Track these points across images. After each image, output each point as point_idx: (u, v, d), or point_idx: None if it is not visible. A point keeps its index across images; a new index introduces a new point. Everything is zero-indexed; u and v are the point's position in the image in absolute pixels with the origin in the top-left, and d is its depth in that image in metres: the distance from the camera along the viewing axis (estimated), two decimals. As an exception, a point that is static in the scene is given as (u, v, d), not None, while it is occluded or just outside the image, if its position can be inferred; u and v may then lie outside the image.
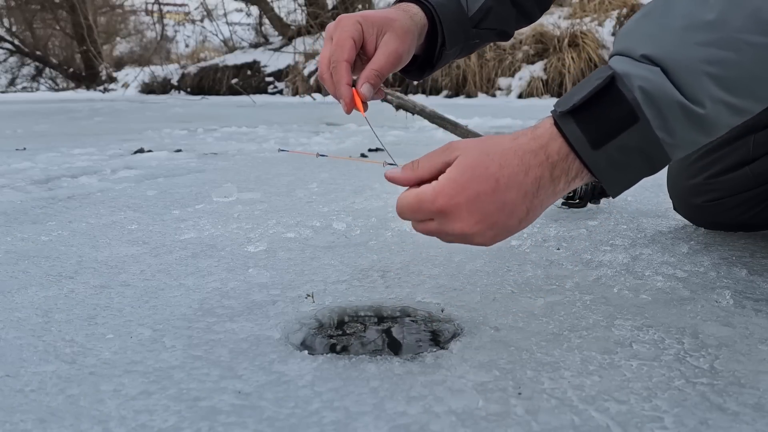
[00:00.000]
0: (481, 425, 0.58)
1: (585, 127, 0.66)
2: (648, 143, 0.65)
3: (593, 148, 0.66)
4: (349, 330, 0.81)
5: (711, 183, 1.20)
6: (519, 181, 0.67)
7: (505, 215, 0.69)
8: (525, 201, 0.68)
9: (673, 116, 0.64)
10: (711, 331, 0.78)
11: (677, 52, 0.64)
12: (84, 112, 6.86)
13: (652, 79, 0.64)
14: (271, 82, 11.83)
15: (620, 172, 0.68)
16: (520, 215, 0.69)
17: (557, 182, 0.69)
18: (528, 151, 0.68)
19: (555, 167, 0.68)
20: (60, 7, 16.71)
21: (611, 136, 0.65)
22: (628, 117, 0.64)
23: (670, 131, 0.65)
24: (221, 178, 2.07)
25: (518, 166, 0.68)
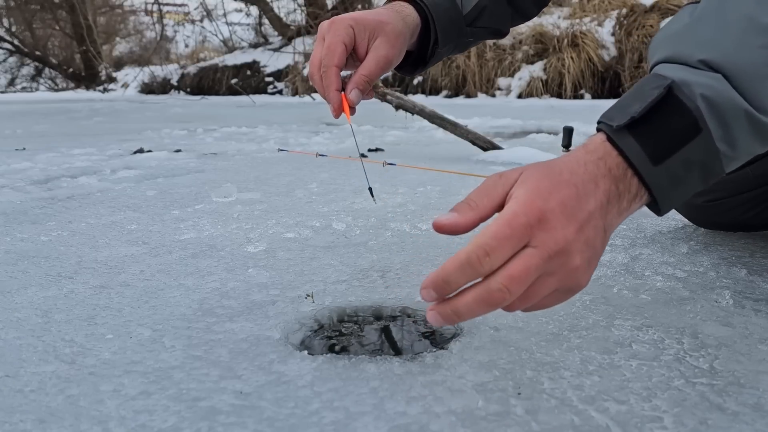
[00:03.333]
0: (480, 425, 0.58)
1: (644, 141, 0.59)
2: (708, 156, 0.60)
3: (654, 164, 0.59)
4: (348, 330, 0.81)
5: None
6: (592, 191, 0.58)
7: (593, 230, 0.58)
8: (602, 215, 0.58)
9: (738, 126, 0.60)
10: (710, 331, 0.78)
11: (739, 56, 0.60)
12: (83, 112, 6.86)
13: (715, 87, 0.59)
14: (270, 82, 11.84)
15: (678, 189, 0.62)
16: (601, 233, 0.59)
17: (622, 199, 0.60)
18: (588, 161, 0.60)
19: (619, 182, 0.60)
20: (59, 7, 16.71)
21: (673, 150, 0.59)
22: (691, 128, 0.59)
23: (731, 142, 0.60)
24: (221, 178, 2.07)
25: (585, 175, 0.59)
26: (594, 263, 0.59)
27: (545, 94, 8.36)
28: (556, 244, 0.55)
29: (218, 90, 12.44)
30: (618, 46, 8.25)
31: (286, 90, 11.41)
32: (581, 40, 8.32)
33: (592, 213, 0.57)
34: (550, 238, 0.55)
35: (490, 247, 0.54)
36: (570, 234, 0.56)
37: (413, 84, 9.65)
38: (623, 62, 8.08)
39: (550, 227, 0.55)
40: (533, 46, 8.80)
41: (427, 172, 2.03)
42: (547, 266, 0.56)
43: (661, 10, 8.07)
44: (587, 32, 8.43)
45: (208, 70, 13.01)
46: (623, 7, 8.67)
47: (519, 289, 0.55)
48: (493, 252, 0.54)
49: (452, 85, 9.30)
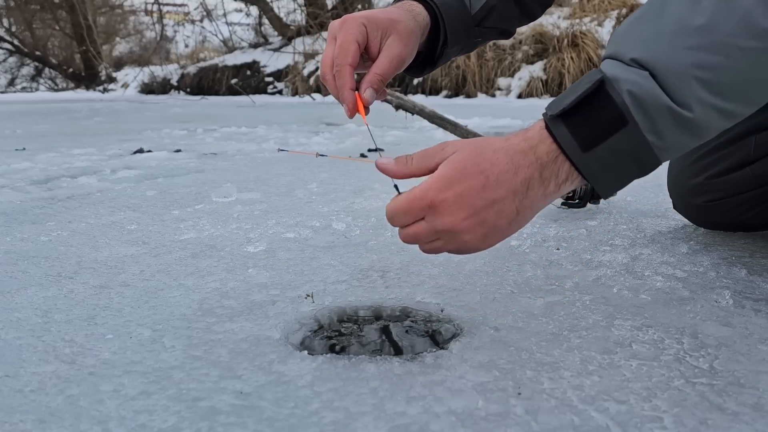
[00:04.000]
0: (480, 425, 0.58)
1: (575, 130, 0.67)
2: (638, 146, 0.66)
3: (583, 150, 0.67)
4: (348, 330, 0.81)
5: (711, 183, 1.20)
6: (508, 180, 0.68)
7: (494, 213, 0.69)
8: (514, 200, 0.69)
9: (662, 120, 0.65)
10: (710, 331, 0.78)
11: (666, 56, 0.64)
12: (83, 112, 6.86)
13: (640, 83, 0.64)
14: (270, 83, 11.83)
15: (611, 174, 0.69)
16: (510, 215, 0.70)
17: (547, 184, 0.69)
18: (518, 151, 0.69)
19: (544, 169, 0.69)
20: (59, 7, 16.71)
21: (601, 139, 0.66)
22: (617, 120, 0.65)
23: (659, 134, 0.65)
24: (221, 178, 2.07)
25: (508, 165, 0.69)
26: (493, 237, 0.71)
27: (545, 94, 8.36)
28: (443, 225, 0.70)
29: (218, 90, 12.43)
30: (618, 46, 8.24)
31: (286, 90, 11.41)
32: (581, 40, 8.32)
33: (496, 200, 0.69)
34: (437, 220, 0.70)
35: (393, 216, 0.74)
36: (457, 220, 0.69)
37: (413, 84, 9.65)
38: (623, 62, 8.07)
39: (439, 213, 0.70)
40: (533, 46, 8.80)
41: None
42: (437, 236, 0.72)
43: (661, 10, 8.06)
44: (587, 32, 8.43)
45: (208, 70, 13.00)
46: (623, 7, 8.67)
47: (414, 242, 0.74)
48: (394, 218, 0.74)
49: (452, 85, 9.30)
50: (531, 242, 1.21)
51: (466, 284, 0.97)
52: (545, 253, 1.13)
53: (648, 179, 0.72)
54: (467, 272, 1.03)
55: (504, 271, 1.03)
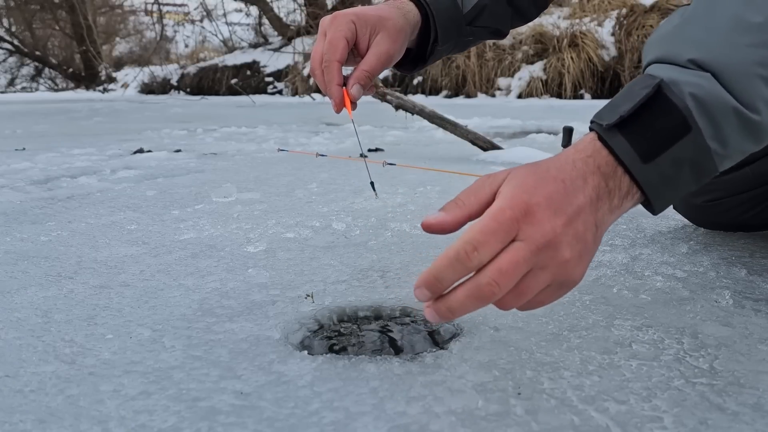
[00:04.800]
0: (480, 425, 0.58)
1: (634, 139, 0.60)
2: (699, 154, 0.61)
3: (644, 161, 0.60)
4: (348, 330, 0.81)
5: (711, 183, 1.20)
6: (581, 186, 0.59)
7: (582, 224, 0.58)
8: (592, 210, 0.59)
9: (728, 124, 0.60)
10: (710, 331, 0.78)
11: (727, 56, 0.60)
12: (83, 112, 6.86)
13: (703, 85, 0.60)
14: (270, 83, 11.84)
15: (669, 187, 0.62)
16: (592, 228, 0.59)
17: (613, 196, 0.61)
18: (578, 160, 0.61)
19: (608, 179, 0.61)
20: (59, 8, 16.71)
21: (663, 148, 0.60)
22: (680, 127, 0.59)
23: (722, 140, 0.61)
24: (221, 179, 2.07)
25: (574, 172, 0.60)
26: (586, 258, 0.60)
27: (545, 94, 8.36)
28: (543, 236, 0.56)
29: (218, 90, 12.44)
30: (618, 46, 8.26)
31: (286, 90, 11.41)
32: (581, 40, 8.32)
33: (581, 207, 0.58)
34: (536, 231, 0.56)
35: (478, 242, 0.55)
36: (557, 227, 0.56)
37: (413, 84, 9.65)
38: (623, 62, 8.09)
39: (536, 220, 0.56)
40: (533, 46, 8.80)
41: (427, 172, 2.03)
42: (536, 260, 0.56)
43: (661, 10, 8.08)
44: (587, 32, 8.43)
45: (208, 70, 13.01)
46: (623, 7, 8.67)
47: (508, 282, 0.56)
48: (480, 246, 0.55)
49: (452, 85, 9.31)
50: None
51: (466, 284, 0.97)
52: (545, 253, 1.13)
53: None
54: (467, 272, 1.02)
55: (504, 271, 1.03)
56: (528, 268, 0.57)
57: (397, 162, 2.02)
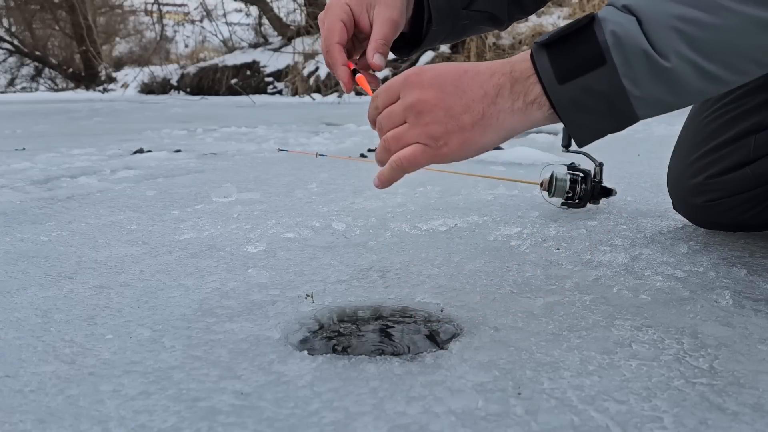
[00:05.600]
0: (480, 425, 0.58)
1: (555, 59, 0.68)
2: (613, 90, 0.67)
3: (559, 82, 0.68)
4: (348, 330, 0.81)
5: (711, 183, 1.20)
6: (482, 80, 0.71)
7: (462, 105, 0.71)
8: (483, 101, 0.71)
9: (638, 64, 0.65)
10: (710, 331, 0.78)
11: (652, 4, 0.66)
12: (83, 112, 6.86)
13: (624, 25, 0.66)
14: (270, 83, 11.83)
15: (583, 116, 0.69)
16: (475, 115, 0.71)
17: (516, 98, 0.71)
18: (498, 62, 0.73)
19: (516, 82, 0.70)
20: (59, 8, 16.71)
21: (577, 74, 0.67)
22: (597, 58, 0.66)
23: (635, 81, 0.66)
24: (220, 179, 2.07)
25: (485, 68, 0.72)
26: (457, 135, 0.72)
27: (545, 95, 8.35)
28: (411, 97, 0.73)
29: (218, 90, 12.43)
30: (618, 46, 8.25)
31: (286, 90, 11.40)
32: (581, 40, 8.31)
33: (467, 92, 0.71)
34: (409, 93, 0.73)
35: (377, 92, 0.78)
36: (427, 95, 0.72)
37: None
38: (623, 62, 8.08)
39: (412, 86, 0.73)
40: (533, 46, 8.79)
41: (427, 171, 2.03)
42: (404, 115, 0.74)
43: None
44: (587, 32, 8.42)
45: (208, 71, 13.01)
46: (623, 7, 8.66)
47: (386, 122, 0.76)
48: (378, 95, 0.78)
49: (452, 85, 9.29)
50: (531, 242, 1.21)
51: (465, 284, 0.97)
52: (545, 253, 1.13)
53: (648, 179, 0.72)
54: (467, 272, 1.03)
55: (504, 271, 1.03)
56: (400, 121, 0.75)
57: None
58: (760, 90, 1.14)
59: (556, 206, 1.50)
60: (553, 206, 1.50)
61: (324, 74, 10.45)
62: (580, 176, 1.44)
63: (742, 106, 1.16)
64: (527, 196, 1.68)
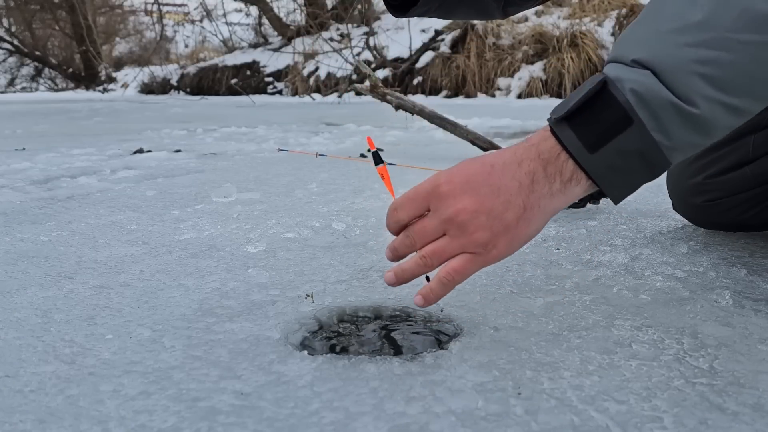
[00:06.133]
0: (480, 425, 0.58)
1: (580, 130, 0.67)
2: (646, 145, 0.66)
3: (590, 152, 0.67)
4: (348, 330, 0.81)
5: (710, 183, 1.20)
6: (513, 171, 0.69)
7: (501, 204, 0.68)
8: (520, 193, 0.68)
9: (667, 117, 0.65)
10: (710, 331, 0.78)
11: (666, 54, 0.65)
12: (83, 112, 6.86)
13: (643, 82, 0.64)
14: (270, 83, 11.84)
15: (620, 177, 0.68)
16: (517, 210, 0.68)
17: (552, 180, 0.69)
18: (520, 147, 0.70)
19: (548, 164, 0.68)
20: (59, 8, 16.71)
21: (607, 140, 0.66)
22: (623, 120, 0.65)
23: (665, 133, 0.65)
24: (220, 179, 2.07)
25: (511, 157, 0.70)
26: (505, 236, 0.69)
27: (545, 94, 8.36)
28: (447, 209, 0.69)
29: (218, 90, 12.44)
30: (618, 46, 8.24)
31: (286, 90, 11.41)
32: (581, 40, 8.31)
33: (503, 188, 0.68)
34: (443, 204, 0.70)
35: (399, 204, 0.73)
36: (465, 203, 0.68)
37: (413, 84, 9.66)
38: (623, 62, 8.07)
39: (444, 196, 0.69)
40: (533, 46, 8.80)
41: (427, 172, 2.03)
42: (444, 228, 0.70)
43: (660, 10, 8.06)
44: (587, 32, 8.43)
45: (208, 70, 13.01)
46: (623, 7, 8.67)
47: (419, 239, 0.72)
48: (400, 207, 0.73)
49: (452, 85, 9.30)
50: (531, 242, 1.21)
51: (465, 284, 0.97)
52: (545, 253, 1.13)
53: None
54: (467, 272, 1.02)
55: (504, 271, 1.03)
56: (437, 234, 0.71)
57: (397, 162, 2.01)
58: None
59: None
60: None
61: (324, 74, 10.45)
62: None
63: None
64: (527, 196, 1.67)
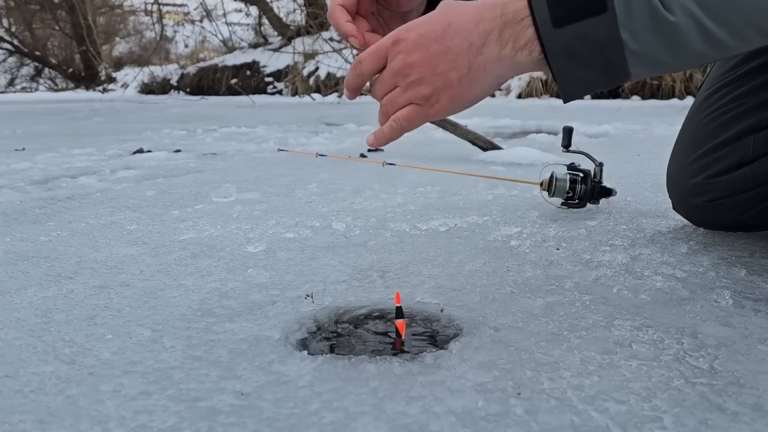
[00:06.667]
0: (480, 425, 0.58)
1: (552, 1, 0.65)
2: (609, 40, 0.64)
3: (554, 26, 0.65)
4: (348, 330, 0.81)
5: (710, 183, 1.20)
6: (468, 30, 0.69)
7: (447, 62, 0.69)
8: (468, 53, 0.69)
9: (641, 17, 0.63)
10: (710, 331, 0.78)
11: None
12: (83, 112, 6.86)
13: None
14: (270, 83, 11.84)
15: (573, 65, 0.66)
16: (461, 69, 0.69)
17: (504, 44, 0.68)
18: (487, 3, 0.69)
19: (506, 27, 0.67)
20: (59, 8, 16.72)
21: (575, 19, 0.64)
22: (597, 4, 0.63)
23: (634, 33, 0.63)
24: (220, 179, 2.07)
25: (472, 15, 0.69)
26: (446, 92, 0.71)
27: (545, 94, 8.36)
28: (397, 63, 0.72)
29: (218, 90, 12.44)
30: (618, 46, 8.25)
31: (286, 90, 11.41)
32: (581, 40, 8.31)
33: (451, 48, 0.69)
34: (395, 58, 0.73)
35: (362, 57, 0.76)
36: (413, 58, 0.71)
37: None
38: (623, 62, 8.07)
39: (398, 51, 0.72)
40: (533, 46, 8.79)
41: (427, 172, 2.03)
42: (394, 79, 0.73)
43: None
44: (587, 32, 8.42)
45: (208, 71, 13.02)
46: (623, 7, 8.66)
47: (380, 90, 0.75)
48: (364, 61, 0.76)
49: (452, 85, 9.29)
50: (531, 242, 1.21)
51: (465, 284, 0.97)
52: (545, 253, 1.13)
53: (648, 179, 0.72)
54: (467, 272, 1.03)
55: (504, 271, 1.03)
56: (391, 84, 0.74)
57: (397, 162, 2.02)
58: (760, 89, 1.14)
59: (556, 206, 1.50)
60: (553, 206, 1.50)
61: (324, 74, 10.45)
62: (580, 176, 1.44)
63: (742, 105, 1.16)
64: (527, 196, 1.68)
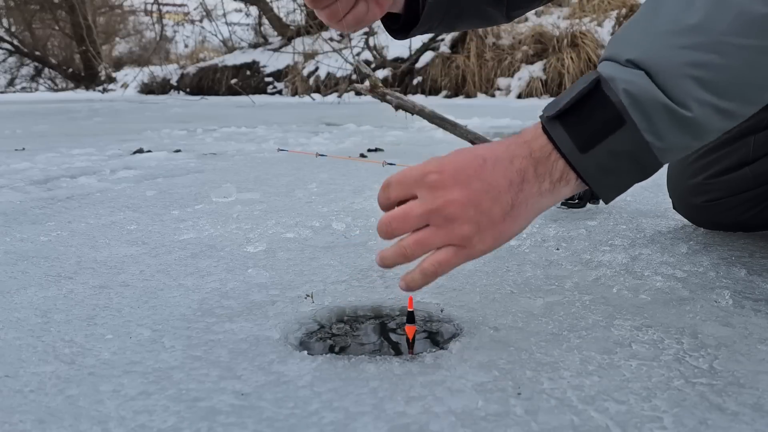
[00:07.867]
0: (480, 425, 0.58)
1: (571, 130, 0.66)
2: (637, 147, 0.65)
3: (581, 151, 0.66)
4: (348, 330, 0.81)
5: (711, 183, 1.20)
6: (504, 167, 0.67)
7: (490, 199, 0.66)
8: (510, 190, 0.67)
9: (660, 119, 0.64)
10: (710, 331, 0.78)
11: (661, 55, 0.64)
12: (83, 112, 6.86)
13: (636, 82, 0.64)
14: (270, 83, 11.84)
15: (610, 177, 0.67)
16: (505, 206, 0.67)
17: (542, 180, 0.67)
18: (513, 143, 0.69)
19: (539, 164, 0.67)
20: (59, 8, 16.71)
21: (599, 140, 0.65)
22: (615, 120, 0.64)
23: (658, 135, 0.64)
24: (220, 179, 2.07)
25: (504, 153, 0.68)
26: (490, 231, 0.67)
27: (545, 95, 8.36)
28: (434, 200, 0.66)
29: (218, 90, 12.44)
30: (618, 46, 8.24)
31: (286, 90, 11.41)
32: (581, 40, 8.32)
33: (493, 184, 0.66)
34: (430, 194, 0.67)
35: (387, 183, 0.70)
36: (454, 196, 0.66)
37: (413, 84, 9.65)
38: (623, 62, 8.07)
39: (434, 186, 0.66)
40: (533, 46, 8.80)
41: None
42: (429, 218, 0.67)
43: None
44: (587, 32, 8.43)
45: (208, 71, 13.01)
46: (623, 7, 8.67)
47: (400, 225, 0.68)
48: (388, 187, 0.70)
49: (452, 85, 9.30)
50: (531, 242, 1.21)
51: (465, 284, 0.97)
52: (545, 253, 1.13)
53: (648, 179, 0.72)
54: (467, 272, 1.03)
55: (504, 271, 1.03)
56: (420, 223, 0.68)
57: (397, 162, 2.01)
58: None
59: (555, 206, 1.50)
60: (553, 206, 1.50)
61: (324, 74, 10.45)
62: (580, 176, 1.43)
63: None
64: (527, 196, 1.67)
